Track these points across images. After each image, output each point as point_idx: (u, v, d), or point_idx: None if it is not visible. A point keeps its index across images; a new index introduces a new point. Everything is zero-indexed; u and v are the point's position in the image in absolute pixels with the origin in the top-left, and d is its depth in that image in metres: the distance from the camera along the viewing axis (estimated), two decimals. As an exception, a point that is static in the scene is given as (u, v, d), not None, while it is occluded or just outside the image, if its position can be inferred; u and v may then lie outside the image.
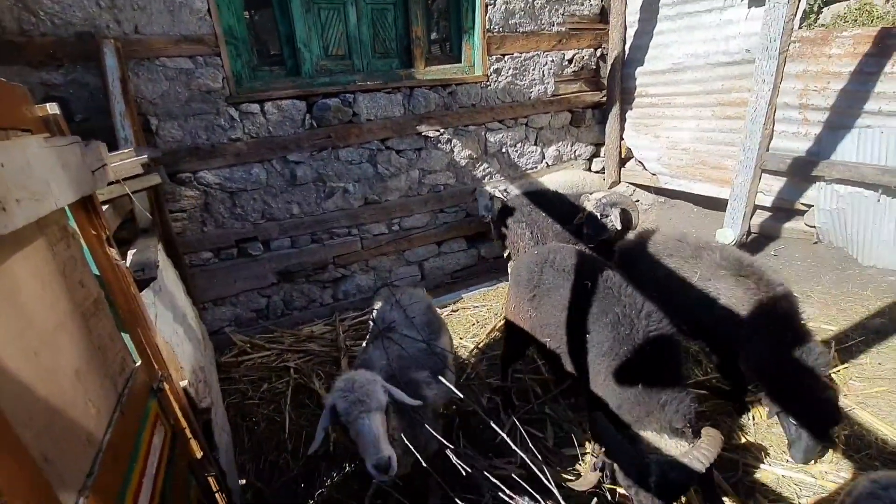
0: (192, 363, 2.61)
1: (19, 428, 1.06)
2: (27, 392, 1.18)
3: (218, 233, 4.51)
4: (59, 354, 1.40)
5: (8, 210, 1.08)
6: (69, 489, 1.20)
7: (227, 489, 2.45)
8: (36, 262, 1.44)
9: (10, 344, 1.16)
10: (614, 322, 2.45)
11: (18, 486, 0.98)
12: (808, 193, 4.44)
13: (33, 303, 1.35)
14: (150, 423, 1.80)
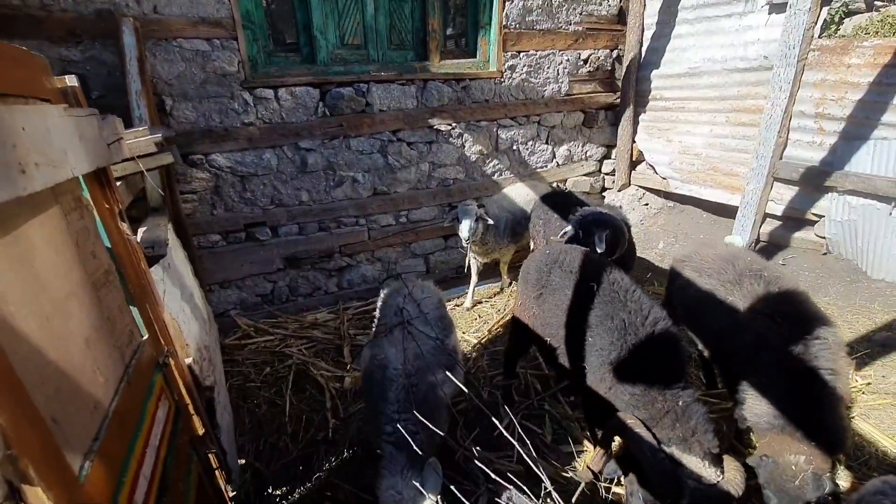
0: (198, 341, 2.64)
1: (30, 389, 1.07)
2: (39, 355, 1.20)
3: (227, 216, 4.53)
4: (71, 322, 1.42)
5: (27, 173, 1.09)
6: (76, 451, 1.22)
7: (227, 468, 2.48)
8: (51, 230, 1.46)
9: (24, 307, 1.18)
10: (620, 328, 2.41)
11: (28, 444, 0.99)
12: (820, 204, 4.40)
13: (47, 269, 1.37)
14: (154, 395, 1.82)
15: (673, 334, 2.34)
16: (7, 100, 1.28)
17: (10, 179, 1.00)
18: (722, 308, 2.64)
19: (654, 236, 5.79)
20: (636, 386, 2.23)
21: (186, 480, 1.93)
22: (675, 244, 5.51)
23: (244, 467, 2.99)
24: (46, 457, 1.05)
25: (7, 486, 0.82)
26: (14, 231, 1.25)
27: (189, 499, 1.90)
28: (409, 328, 2.67)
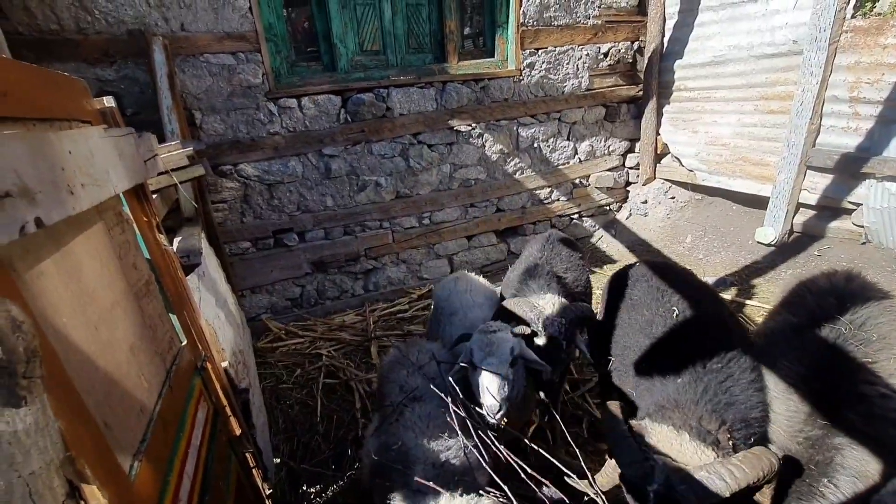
0: (233, 346, 2.74)
1: (83, 394, 1.16)
2: (89, 362, 1.29)
3: (256, 223, 4.67)
4: (116, 330, 1.51)
5: (75, 193, 1.17)
6: (125, 453, 1.30)
7: (264, 466, 2.57)
8: (96, 244, 1.56)
9: (74, 317, 1.27)
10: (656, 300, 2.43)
11: (84, 446, 1.07)
12: (857, 191, 4.23)
13: (94, 281, 1.46)
14: (194, 399, 1.91)
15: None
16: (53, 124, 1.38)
17: (60, 201, 1.08)
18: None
19: (681, 230, 5.68)
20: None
21: (226, 479, 2.02)
22: (703, 237, 5.39)
23: (279, 466, 3.09)
24: (100, 458, 1.13)
25: (68, 485, 0.89)
26: (64, 247, 1.34)
27: (229, 496, 1.99)
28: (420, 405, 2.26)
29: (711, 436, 1.84)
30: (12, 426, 0.78)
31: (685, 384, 2.06)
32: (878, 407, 1.76)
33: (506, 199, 5.75)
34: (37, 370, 0.85)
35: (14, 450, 0.78)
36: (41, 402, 0.84)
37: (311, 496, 2.97)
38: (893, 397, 1.77)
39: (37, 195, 0.96)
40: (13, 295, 0.94)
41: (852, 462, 1.72)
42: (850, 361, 1.88)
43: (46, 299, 1.19)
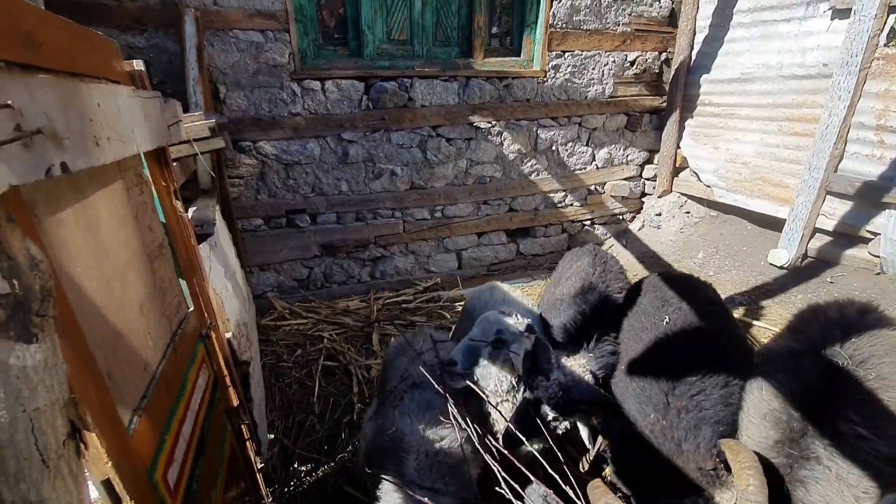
0: (237, 318, 2.77)
1: (91, 345, 1.18)
2: (100, 315, 1.31)
3: (270, 202, 4.71)
4: (128, 288, 1.53)
5: (100, 145, 1.19)
6: (126, 407, 1.32)
7: (258, 440, 2.59)
8: (115, 202, 1.58)
9: (90, 270, 1.29)
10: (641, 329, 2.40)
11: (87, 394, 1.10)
12: (876, 221, 4.16)
13: (110, 237, 1.49)
14: (196, 364, 1.93)
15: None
16: (85, 79, 1.40)
17: (86, 150, 1.10)
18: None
19: (693, 246, 5.63)
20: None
21: (221, 447, 2.04)
22: (715, 255, 5.34)
23: (272, 442, 3.12)
24: (102, 408, 1.15)
25: (70, 426, 0.91)
26: (84, 200, 1.36)
27: (222, 464, 2.01)
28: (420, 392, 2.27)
29: (713, 473, 1.87)
30: (22, 361, 0.80)
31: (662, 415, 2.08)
32: (849, 447, 1.71)
33: (519, 200, 5.74)
34: (50, 310, 0.86)
35: (21, 384, 0.79)
36: (52, 342, 0.86)
37: (302, 475, 3.00)
38: (870, 440, 1.71)
39: (64, 141, 0.98)
40: (33, 236, 0.96)
41: (815, 499, 1.70)
42: (837, 397, 1.83)
43: (64, 248, 1.21)
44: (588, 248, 3.23)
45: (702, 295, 2.59)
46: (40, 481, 0.82)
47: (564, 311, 2.68)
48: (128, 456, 1.23)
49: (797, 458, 1.77)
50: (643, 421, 2.14)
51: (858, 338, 1.95)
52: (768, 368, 2.10)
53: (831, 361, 1.92)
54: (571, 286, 2.85)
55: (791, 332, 2.27)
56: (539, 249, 6.09)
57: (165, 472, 1.46)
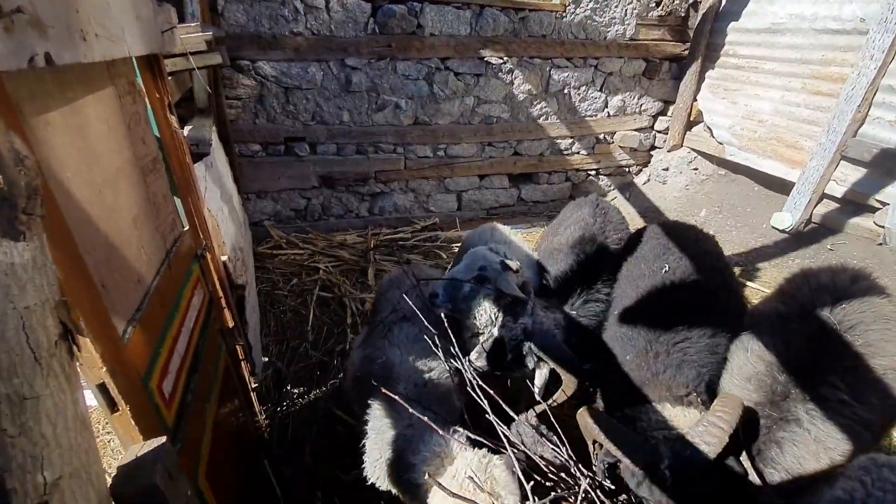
0: (233, 241, 2.75)
1: (83, 252, 1.15)
2: (90, 223, 1.28)
3: (269, 127, 4.55)
4: (120, 198, 1.49)
5: (88, 41, 1.11)
6: (121, 317, 1.32)
7: (252, 361, 2.66)
8: (105, 108, 1.50)
9: (79, 174, 1.24)
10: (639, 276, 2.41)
11: (80, 300, 1.08)
12: (887, 190, 4.09)
13: (100, 144, 1.42)
14: (191, 283, 1.93)
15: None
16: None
17: (72, 43, 1.02)
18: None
19: (697, 204, 5.57)
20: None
21: (215, 365, 2.08)
22: (718, 214, 5.29)
23: (267, 364, 3.21)
24: (95, 314, 1.14)
25: (62, 327, 0.90)
26: (73, 102, 1.29)
27: (216, 381, 2.06)
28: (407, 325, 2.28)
29: (685, 399, 1.92)
30: (9, 258, 0.77)
31: (648, 343, 2.15)
32: (830, 411, 1.74)
33: (525, 144, 5.59)
34: (37, 209, 0.83)
35: (10, 281, 0.77)
36: (40, 241, 0.83)
37: (294, 396, 3.11)
38: (852, 406, 1.73)
39: (49, 29, 0.91)
40: (18, 131, 0.91)
41: (789, 460, 1.74)
42: (823, 362, 1.83)
43: (52, 150, 1.15)
44: (591, 198, 3.17)
45: (703, 246, 2.58)
46: (33, 377, 0.82)
47: (562, 261, 2.68)
48: (122, 363, 1.25)
49: (777, 419, 1.79)
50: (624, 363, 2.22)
51: (849, 304, 1.94)
52: (756, 330, 2.10)
53: (819, 327, 1.91)
54: (570, 235, 2.83)
55: (781, 295, 2.24)
56: (541, 196, 6.01)
57: (160, 382, 1.49)
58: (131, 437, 1.27)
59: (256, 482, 2.43)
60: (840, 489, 1.52)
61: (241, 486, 2.28)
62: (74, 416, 0.94)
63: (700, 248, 2.54)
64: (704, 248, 2.57)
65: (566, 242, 2.77)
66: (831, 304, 1.95)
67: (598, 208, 3.02)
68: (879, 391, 1.77)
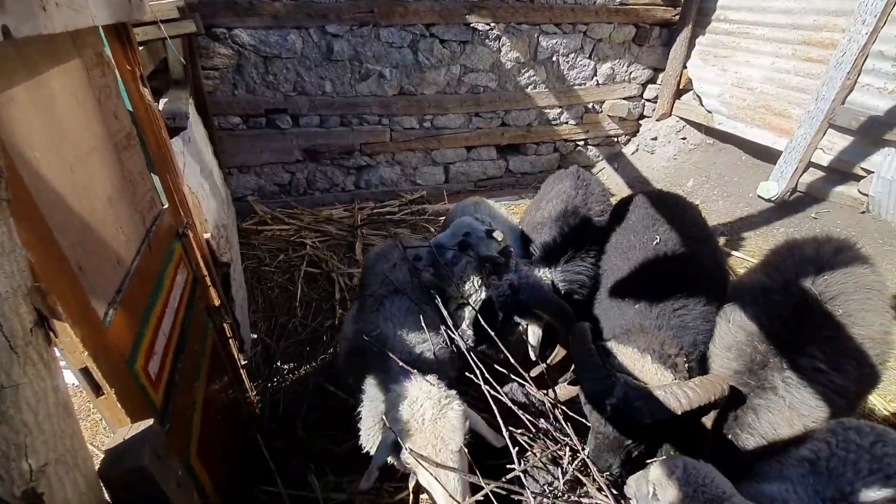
0: (216, 218, 2.69)
1: (56, 234, 1.11)
2: (63, 203, 1.23)
3: (248, 98, 4.41)
4: (93, 177, 1.43)
5: (48, 10, 1.03)
6: (101, 299, 1.29)
7: (240, 339, 2.65)
8: (72, 81, 1.43)
9: (48, 153, 1.19)
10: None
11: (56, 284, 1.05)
12: (873, 158, 4.11)
13: (69, 120, 1.36)
14: (174, 262, 1.89)
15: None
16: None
17: (31, 14, 0.96)
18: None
19: (685, 174, 5.57)
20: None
21: (202, 343, 2.07)
22: (705, 183, 5.31)
23: (255, 341, 3.20)
24: (73, 297, 1.11)
25: (36, 314, 0.87)
26: (37, 77, 1.22)
27: (204, 360, 2.05)
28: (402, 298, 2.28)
29: (671, 360, 1.94)
30: (-28, 243, 0.73)
31: (646, 308, 2.16)
32: (807, 379, 1.78)
33: (513, 114, 5.49)
34: (2, 191, 0.79)
35: (-25, 269, 0.74)
36: (6, 226, 0.79)
37: (285, 372, 3.12)
38: (828, 374, 1.77)
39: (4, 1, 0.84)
40: (-27, 109, 0.86)
41: (764, 425, 1.80)
42: (803, 333, 1.86)
43: (17, 128, 1.10)
44: (572, 170, 3.16)
45: (689, 217, 2.60)
46: (10, 366, 0.80)
47: (546, 234, 2.70)
48: (105, 346, 1.22)
49: (754, 387, 1.84)
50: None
51: (831, 275, 1.96)
52: (739, 301, 2.13)
53: (801, 298, 1.94)
54: (553, 209, 2.84)
55: (766, 266, 2.26)
56: (529, 167, 5.97)
57: (146, 363, 1.48)
58: (118, 420, 1.26)
59: (249, 457, 2.46)
60: (807, 449, 1.61)
61: (234, 461, 2.30)
62: (56, 402, 0.92)
63: (686, 219, 2.55)
64: (690, 218, 2.58)
65: (549, 216, 2.79)
66: (814, 276, 1.98)
67: (579, 180, 3.03)
68: (856, 360, 1.82)
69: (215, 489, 1.83)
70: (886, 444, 1.51)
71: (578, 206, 2.81)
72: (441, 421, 1.66)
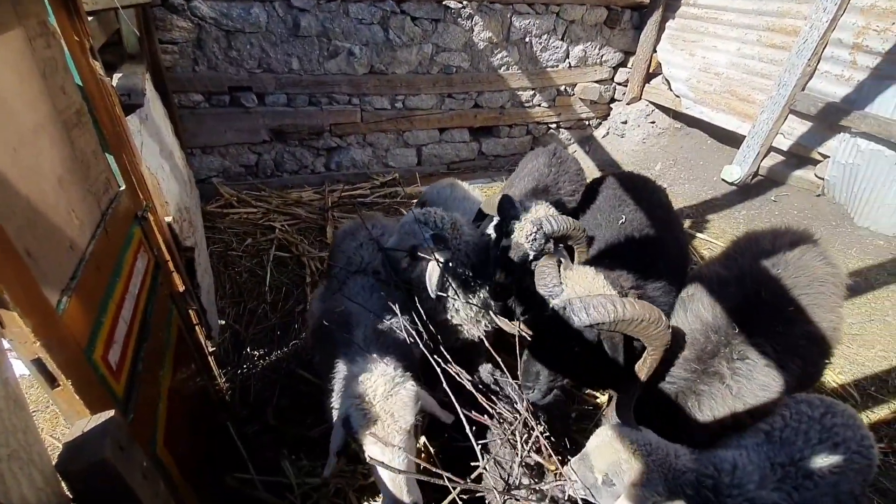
0: (178, 201, 2.58)
1: (1, 220, 1.04)
2: (6, 185, 1.15)
3: (210, 75, 4.21)
4: (41, 157, 1.34)
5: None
6: (53, 287, 1.22)
7: (208, 325, 2.57)
8: (13, 53, 1.32)
9: (-14, 131, 1.10)
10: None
11: (3, 272, 0.98)
12: (829, 143, 4.29)
13: (11, 96, 1.26)
14: (133, 247, 1.80)
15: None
16: None
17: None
18: None
19: (653, 157, 5.67)
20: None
21: (166, 331, 2.00)
22: (672, 167, 5.43)
23: (224, 328, 3.12)
24: (22, 285, 1.05)
25: (-22, 304, 0.82)
26: (-31, 46, 1.12)
27: (169, 348, 1.99)
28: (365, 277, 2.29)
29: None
30: None
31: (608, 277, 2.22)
32: (753, 368, 1.84)
33: (486, 95, 5.45)
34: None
35: None
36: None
37: (255, 358, 3.06)
38: (774, 370, 1.84)
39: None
40: None
41: (706, 411, 1.88)
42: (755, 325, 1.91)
43: (-53, 103, 1.01)
44: (549, 148, 3.15)
45: (655, 198, 2.66)
46: (-50, 360, 0.75)
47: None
48: (59, 335, 1.16)
49: (700, 373, 1.90)
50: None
51: (785, 269, 2.04)
52: (697, 291, 2.18)
53: (755, 291, 2.00)
54: (524, 187, 2.84)
55: (725, 258, 2.33)
56: (502, 150, 5.96)
57: (106, 352, 1.41)
58: (76, 412, 1.21)
59: (221, 444, 2.42)
60: (764, 422, 1.73)
61: (205, 449, 2.26)
62: (6, 396, 0.87)
63: (652, 201, 2.61)
64: (656, 200, 2.65)
65: (520, 194, 2.78)
66: (769, 269, 2.05)
67: (554, 157, 3.02)
68: (802, 359, 1.90)
69: (184, 479, 1.79)
70: (835, 416, 1.63)
71: (549, 185, 2.82)
72: (393, 398, 1.66)
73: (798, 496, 1.50)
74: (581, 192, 2.96)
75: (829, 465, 1.55)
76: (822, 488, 1.51)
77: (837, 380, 3.02)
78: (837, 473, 1.53)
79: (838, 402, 1.72)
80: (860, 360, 3.13)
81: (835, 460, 1.57)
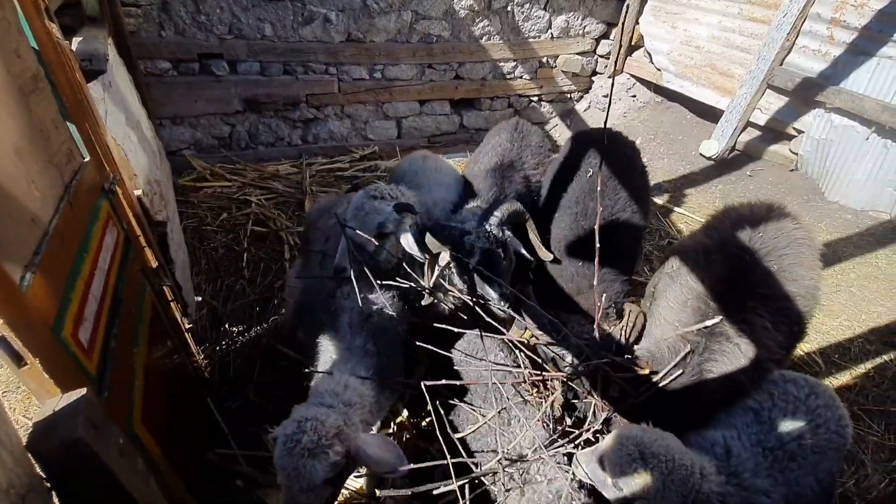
0: (147, 174, 2.48)
1: (-50, 189, 0.98)
2: (-44, 154, 1.07)
3: (178, 41, 4.00)
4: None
5: None
6: (15, 263, 1.16)
7: (184, 302, 2.51)
8: (-45, 10, 1.22)
9: (-71, 95, 1.02)
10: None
11: (-45, 246, 0.93)
12: (804, 119, 4.35)
13: (-45, 58, 1.17)
14: (101, 221, 1.73)
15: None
16: None
17: None
18: None
19: (634, 131, 5.67)
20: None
21: (139, 307, 1.95)
22: (652, 141, 5.45)
23: (200, 304, 3.06)
24: (-21, 262, 1.00)
25: (-70, 281, 0.77)
26: None
27: (143, 324, 1.94)
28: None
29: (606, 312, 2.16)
30: None
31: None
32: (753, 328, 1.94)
33: (467, 66, 5.34)
34: None
35: None
36: None
37: (234, 334, 3.02)
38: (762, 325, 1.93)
39: None
40: None
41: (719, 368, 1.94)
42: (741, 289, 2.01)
43: None
44: (512, 121, 3.12)
45: (622, 152, 2.76)
46: None
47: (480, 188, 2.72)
48: (24, 313, 1.12)
49: (707, 335, 1.97)
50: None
51: (764, 230, 2.13)
52: (685, 264, 2.26)
53: (738, 257, 2.09)
54: (488, 161, 2.83)
55: (706, 229, 2.43)
56: (483, 123, 5.88)
57: (75, 329, 1.37)
58: (46, 391, 1.18)
59: (202, 420, 2.40)
60: (752, 400, 1.81)
61: (184, 425, 2.24)
62: (-33, 377, 0.84)
63: (622, 154, 2.75)
64: (624, 153, 2.78)
65: (483, 169, 2.80)
66: (749, 233, 2.15)
67: (517, 132, 3.00)
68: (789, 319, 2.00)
69: (165, 455, 1.78)
70: (818, 397, 1.74)
71: (513, 160, 2.83)
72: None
73: (782, 478, 1.57)
74: (546, 164, 2.99)
75: (811, 447, 1.63)
76: (804, 468, 1.60)
77: (804, 348, 3.15)
78: (818, 453, 1.62)
79: (820, 383, 1.85)
80: (825, 329, 3.26)
81: (817, 441, 1.65)
